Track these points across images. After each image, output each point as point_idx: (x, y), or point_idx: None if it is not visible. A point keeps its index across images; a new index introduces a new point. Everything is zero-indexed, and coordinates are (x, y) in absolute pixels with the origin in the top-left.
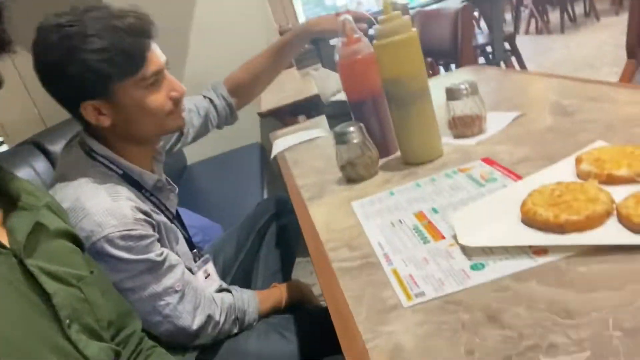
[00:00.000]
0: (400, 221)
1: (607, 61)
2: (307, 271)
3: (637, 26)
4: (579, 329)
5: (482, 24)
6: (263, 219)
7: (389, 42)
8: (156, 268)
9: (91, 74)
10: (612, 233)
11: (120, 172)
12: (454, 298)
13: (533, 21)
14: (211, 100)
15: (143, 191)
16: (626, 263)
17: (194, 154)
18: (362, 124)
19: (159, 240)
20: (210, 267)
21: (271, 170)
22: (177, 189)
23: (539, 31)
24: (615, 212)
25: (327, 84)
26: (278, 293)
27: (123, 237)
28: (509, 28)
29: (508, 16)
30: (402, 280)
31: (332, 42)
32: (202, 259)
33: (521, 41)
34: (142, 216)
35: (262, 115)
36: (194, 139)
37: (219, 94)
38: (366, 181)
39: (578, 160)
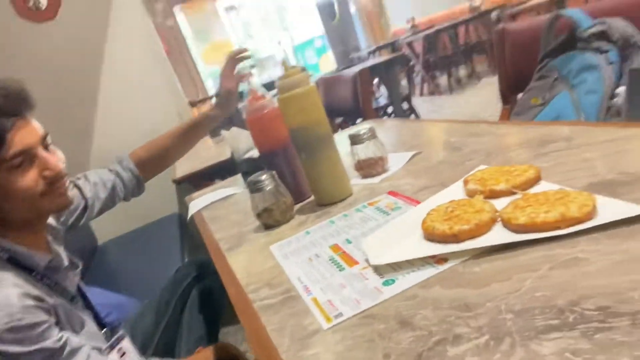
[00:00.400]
0: (317, 255)
1: (491, 112)
2: (237, 339)
3: (505, 79)
4: (477, 318)
5: (382, 89)
6: (184, 284)
7: (291, 95)
8: (55, 356)
9: None
10: (497, 236)
11: (6, 255)
12: (369, 313)
13: (425, 85)
14: (117, 173)
15: (34, 274)
16: (511, 259)
17: (105, 232)
18: (274, 172)
19: (57, 323)
20: (126, 344)
21: (192, 238)
22: (79, 265)
23: (431, 93)
24: (499, 219)
25: (239, 142)
26: (203, 357)
27: (11, 330)
28: (405, 91)
29: (403, 82)
30: (322, 306)
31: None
32: (115, 337)
33: (417, 102)
34: (31, 302)
35: (177, 182)
36: (100, 212)
37: (125, 167)
38: (283, 226)
39: (465, 182)
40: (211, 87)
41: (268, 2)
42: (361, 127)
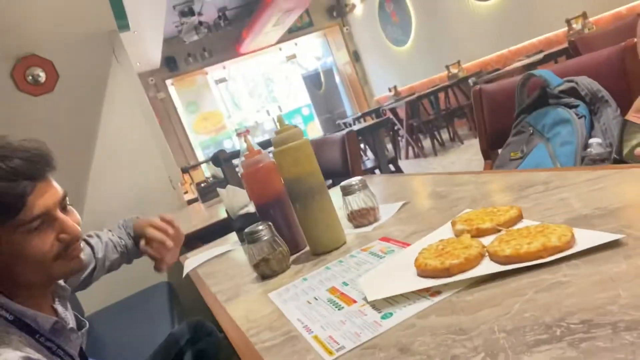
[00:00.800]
0: (315, 298)
1: (475, 170)
2: None
3: (485, 135)
4: (472, 339)
5: (369, 153)
6: (177, 347)
7: (286, 148)
8: None
9: None
10: (486, 268)
11: (11, 317)
12: (370, 344)
13: (410, 148)
14: (123, 238)
15: (37, 336)
16: (500, 287)
17: (91, 303)
18: (270, 223)
19: None
20: None
21: (182, 308)
22: (86, 325)
23: (416, 156)
24: (486, 253)
25: (234, 199)
26: None
27: None
28: (391, 154)
29: (389, 145)
30: (323, 342)
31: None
32: None
33: (403, 165)
34: None
35: None
36: (108, 272)
37: (129, 233)
38: (280, 275)
39: (453, 223)
40: (200, 155)
41: (256, 75)
42: (352, 179)
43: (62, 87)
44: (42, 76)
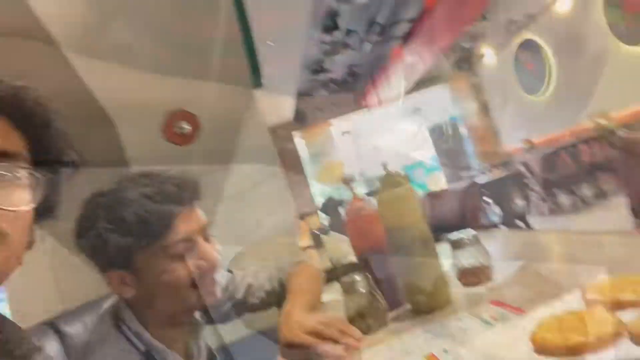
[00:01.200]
0: None
1: None
2: None
3: (635, 193)
4: None
5: (497, 209)
6: None
7: (389, 194)
8: None
9: (107, 246)
10: (625, 351)
11: (144, 348)
12: None
13: (544, 204)
14: (271, 281)
15: None
16: None
17: None
18: (368, 274)
19: None
20: None
21: None
22: (216, 358)
23: (551, 212)
24: (626, 332)
25: (337, 247)
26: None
27: None
28: (520, 209)
29: (519, 200)
30: None
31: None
32: None
33: (535, 222)
34: None
35: None
36: (252, 311)
37: (280, 279)
38: (375, 332)
39: (584, 292)
40: (317, 195)
41: (380, 127)
42: (463, 232)
43: (202, 138)
44: (187, 128)
